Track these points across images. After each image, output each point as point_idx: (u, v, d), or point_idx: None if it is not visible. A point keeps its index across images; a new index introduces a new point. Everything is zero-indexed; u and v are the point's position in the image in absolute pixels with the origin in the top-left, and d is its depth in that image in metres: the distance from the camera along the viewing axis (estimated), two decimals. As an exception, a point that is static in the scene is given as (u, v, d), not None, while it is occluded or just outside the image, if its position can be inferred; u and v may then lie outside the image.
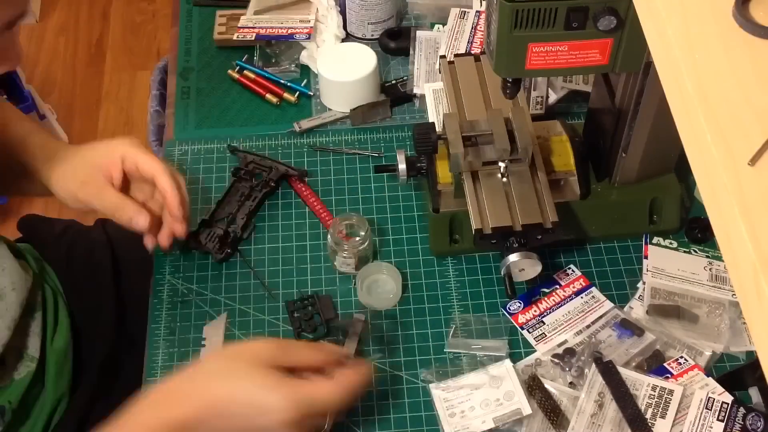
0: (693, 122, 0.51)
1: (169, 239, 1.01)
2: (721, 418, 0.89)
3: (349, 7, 1.29)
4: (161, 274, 1.06)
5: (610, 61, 0.86)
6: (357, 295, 1.02)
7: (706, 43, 0.53)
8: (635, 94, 0.93)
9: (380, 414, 0.94)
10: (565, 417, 0.91)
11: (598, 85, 1.03)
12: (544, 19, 0.81)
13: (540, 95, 1.16)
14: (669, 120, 0.55)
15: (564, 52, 0.85)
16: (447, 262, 1.06)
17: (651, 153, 1.00)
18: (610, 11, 0.81)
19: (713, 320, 0.98)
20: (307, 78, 1.27)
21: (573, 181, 1.03)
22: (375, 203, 1.12)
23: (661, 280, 1.01)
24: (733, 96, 0.50)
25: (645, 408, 0.89)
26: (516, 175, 0.99)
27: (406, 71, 1.26)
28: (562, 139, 1.04)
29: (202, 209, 1.11)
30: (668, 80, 0.55)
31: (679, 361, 0.94)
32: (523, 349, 0.98)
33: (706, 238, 1.05)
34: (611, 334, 0.97)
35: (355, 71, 1.18)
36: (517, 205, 0.97)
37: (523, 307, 1.01)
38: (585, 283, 1.03)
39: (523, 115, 0.99)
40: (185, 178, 1.02)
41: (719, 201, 0.48)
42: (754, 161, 0.47)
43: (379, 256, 1.06)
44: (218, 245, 1.06)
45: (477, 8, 1.28)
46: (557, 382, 0.94)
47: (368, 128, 1.21)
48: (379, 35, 1.29)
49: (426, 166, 1.02)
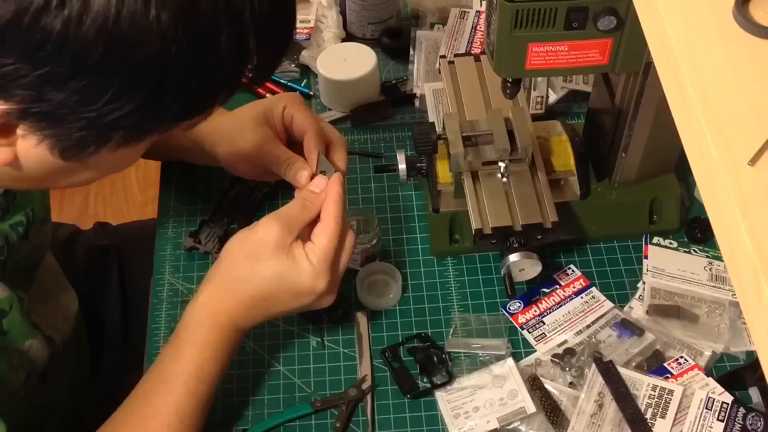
0: (693, 122, 0.51)
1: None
2: (721, 418, 0.89)
3: (349, 7, 1.29)
4: (161, 274, 1.06)
5: (610, 61, 0.86)
6: (357, 295, 1.02)
7: (706, 43, 0.53)
8: (635, 94, 0.93)
9: (380, 414, 0.94)
10: (565, 417, 0.91)
11: (598, 85, 1.03)
12: (544, 19, 0.81)
13: (540, 95, 1.16)
14: (669, 120, 0.55)
15: (564, 52, 0.85)
16: (447, 262, 1.06)
17: (651, 153, 1.00)
18: (610, 11, 0.81)
19: (713, 320, 0.98)
20: (307, 78, 1.27)
21: (573, 181, 1.03)
22: (375, 203, 1.12)
23: (661, 280, 1.01)
24: (733, 96, 0.50)
25: (645, 408, 0.89)
26: (516, 175, 0.99)
27: (406, 71, 1.26)
28: (562, 139, 1.04)
29: (202, 209, 1.11)
30: (668, 80, 0.55)
31: (679, 361, 0.94)
32: (523, 349, 0.98)
33: (706, 238, 1.05)
34: (611, 334, 0.97)
35: (355, 71, 1.18)
36: (517, 205, 0.97)
37: (523, 307, 1.01)
38: (585, 283, 1.03)
39: (523, 115, 0.99)
40: (346, 144, 0.98)
41: (719, 201, 0.48)
42: (754, 161, 0.47)
43: (379, 255, 1.06)
44: (218, 245, 1.06)
45: (477, 8, 1.28)
46: (557, 382, 0.94)
47: (368, 128, 1.21)
48: (379, 35, 1.29)
49: (426, 166, 1.02)
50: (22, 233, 0.88)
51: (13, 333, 0.86)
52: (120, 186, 2.31)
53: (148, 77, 0.61)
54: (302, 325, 1.01)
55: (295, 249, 0.85)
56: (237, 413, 0.95)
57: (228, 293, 0.86)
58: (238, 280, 0.86)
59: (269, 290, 0.85)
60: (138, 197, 2.29)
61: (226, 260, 0.87)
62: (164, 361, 0.86)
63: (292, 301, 0.87)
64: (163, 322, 1.02)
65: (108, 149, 0.66)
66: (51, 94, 0.59)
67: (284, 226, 0.85)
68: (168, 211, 1.13)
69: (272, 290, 0.85)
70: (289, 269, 0.84)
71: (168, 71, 0.61)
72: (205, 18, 0.60)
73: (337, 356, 0.98)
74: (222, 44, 0.62)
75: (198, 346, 0.85)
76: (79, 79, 0.59)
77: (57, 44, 0.56)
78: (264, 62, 0.67)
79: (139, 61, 0.59)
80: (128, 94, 0.61)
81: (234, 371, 0.96)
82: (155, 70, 0.60)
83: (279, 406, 0.95)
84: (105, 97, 0.60)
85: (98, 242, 1.23)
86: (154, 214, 1.15)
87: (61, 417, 1.04)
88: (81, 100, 0.60)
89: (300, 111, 0.97)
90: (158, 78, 0.61)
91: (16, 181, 0.71)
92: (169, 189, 1.15)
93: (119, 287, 1.19)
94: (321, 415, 0.94)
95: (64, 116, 0.61)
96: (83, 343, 1.09)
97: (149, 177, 2.27)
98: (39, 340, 0.91)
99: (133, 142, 0.67)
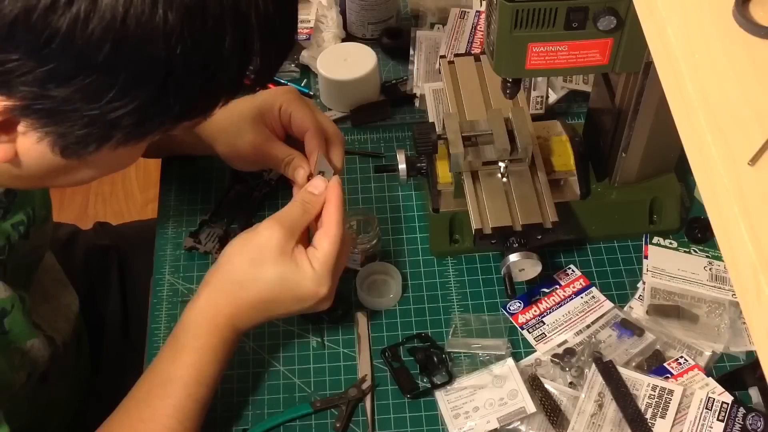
0: (693, 122, 0.51)
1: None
2: (721, 418, 0.89)
3: (349, 7, 1.29)
4: (161, 274, 1.06)
5: (610, 61, 0.86)
6: (357, 295, 1.02)
7: (706, 43, 0.53)
8: (635, 94, 0.93)
9: (380, 414, 0.94)
10: (565, 417, 0.91)
11: (598, 85, 1.03)
12: (544, 19, 0.81)
13: (540, 95, 1.16)
14: (669, 120, 0.55)
15: (564, 52, 0.85)
16: (447, 262, 1.06)
17: (651, 153, 1.00)
18: (610, 11, 0.81)
19: (713, 320, 0.98)
20: (307, 78, 1.27)
21: (573, 181, 1.03)
22: (375, 203, 1.12)
23: (661, 280, 1.01)
24: (733, 96, 0.50)
25: (645, 408, 0.89)
26: (516, 175, 0.99)
27: (406, 71, 1.26)
28: (562, 139, 1.04)
29: (202, 209, 1.11)
30: (668, 80, 0.55)
31: (679, 361, 0.94)
32: (523, 349, 0.98)
33: (706, 238, 1.05)
34: (611, 334, 0.97)
35: (355, 71, 1.18)
36: (517, 205, 0.97)
37: (523, 307, 1.01)
38: (585, 283, 1.03)
39: (523, 115, 0.99)
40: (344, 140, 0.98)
41: (719, 201, 0.48)
42: (754, 161, 0.47)
43: (379, 255, 1.06)
44: (218, 245, 1.06)
45: (477, 8, 1.28)
46: (557, 382, 0.94)
47: (368, 128, 1.21)
48: (379, 35, 1.29)
49: (426, 166, 1.02)
50: (23, 232, 0.88)
51: (15, 332, 0.86)
52: (120, 186, 2.31)
53: (152, 76, 0.61)
54: (302, 325, 1.01)
55: (297, 254, 0.85)
56: (237, 413, 0.95)
57: (229, 297, 0.86)
58: (240, 283, 0.86)
59: (271, 294, 0.86)
60: (138, 197, 2.29)
61: (227, 264, 0.87)
62: (163, 363, 0.86)
63: (294, 305, 0.87)
64: (163, 321, 1.02)
65: (109, 148, 0.66)
66: (55, 90, 0.59)
67: (287, 231, 0.85)
68: (168, 211, 1.13)
69: (274, 294, 0.86)
70: (292, 274, 0.84)
71: (172, 71, 0.61)
72: (211, 19, 0.60)
73: (337, 356, 0.98)
74: (227, 46, 0.62)
75: (198, 350, 0.85)
76: (83, 77, 0.59)
77: (63, 42, 0.57)
78: (267, 64, 0.68)
79: (144, 60, 0.59)
80: (132, 92, 0.61)
81: (234, 371, 0.96)
82: (160, 69, 0.60)
83: (279, 406, 0.95)
84: (109, 95, 0.60)
85: (98, 242, 1.23)
86: (154, 214, 1.15)
87: (62, 416, 1.04)
88: (84, 98, 0.60)
89: (297, 108, 0.97)
90: (162, 77, 0.61)
91: (15, 179, 0.71)
92: (169, 189, 1.15)
93: (119, 287, 1.19)
94: (321, 415, 0.94)
95: (66, 113, 0.62)
96: (83, 342, 1.09)
97: (149, 177, 2.27)
98: (40, 340, 0.91)
99: (134, 140, 0.67)
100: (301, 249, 0.85)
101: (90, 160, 0.68)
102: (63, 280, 1.05)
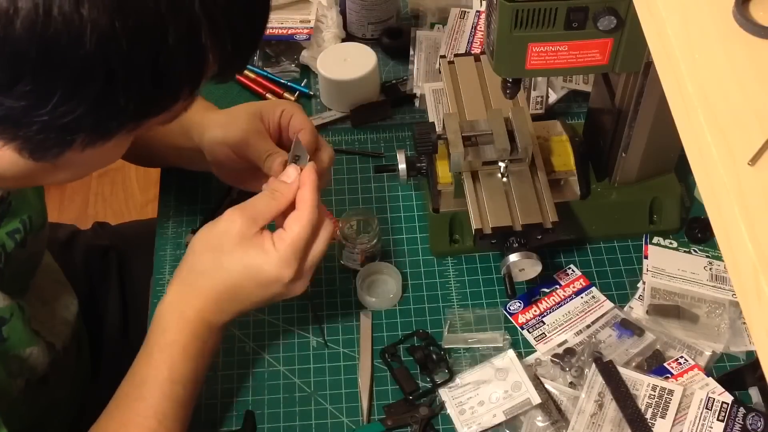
0: (693, 122, 0.51)
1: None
2: (721, 418, 0.89)
3: (349, 7, 1.29)
4: (161, 274, 1.06)
5: (610, 61, 0.86)
6: (357, 295, 1.02)
7: (706, 43, 0.53)
8: (635, 94, 0.93)
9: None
10: (565, 417, 0.91)
11: (598, 85, 1.03)
12: (544, 19, 0.81)
13: (540, 95, 1.16)
14: (669, 120, 0.55)
15: (564, 52, 0.85)
16: (447, 261, 1.06)
17: (651, 153, 1.00)
18: (610, 11, 0.81)
19: (713, 320, 0.98)
20: (307, 78, 1.27)
21: (573, 181, 1.03)
22: (375, 203, 1.12)
23: (661, 280, 1.01)
24: (733, 96, 0.50)
25: (645, 408, 0.89)
26: (516, 175, 0.99)
27: (406, 71, 1.26)
28: (562, 139, 1.04)
29: (202, 209, 1.11)
30: (668, 80, 0.55)
31: (679, 361, 0.94)
32: (523, 349, 0.98)
33: (706, 238, 1.05)
34: (611, 334, 0.97)
35: (355, 71, 1.18)
36: (517, 205, 0.97)
37: (523, 307, 1.01)
38: (585, 283, 1.03)
39: (523, 115, 0.99)
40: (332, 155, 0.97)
41: (719, 201, 0.48)
42: (754, 161, 0.47)
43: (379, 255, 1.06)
44: (218, 245, 1.06)
45: (477, 8, 1.28)
46: (557, 382, 0.94)
47: (368, 128, 1.21)
48: (379, 35, 1.29)
49: (426, 166, 1.02)
50: (20, 240, 0.88)
51: (14, 340, 0.85)
52: (120, 186, 2.31)
53: (91, 78, 0.59)
54: (302, 325, 1.01)
55: (258, 238, 0.83)
56: (237, 413, 0.94)
57: (194, 289, 0.85)
58: (203, 273, 0.85)
59: (234, 282, 0.84)
60: (138, 197, 2.29)
61: (191, 255, 0.86)
62: (139, 364, 0.85)
63: (261, 292, 0.85)
64: (163, 322, 1.02)
65: (74, 150, 0.65)
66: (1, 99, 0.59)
67: (247, 218, 0.83)
68: (168, 211, 1.13)
69: (237, 281, 0.84)
70: (252, 259, 0.83)
71: (113, 71, 0.59)
72: (146, 14, 0.59)
73: (337, 356, 0.98)
74: (170, 40, 0.60)
75: (168, 348, 0.84)
76: (23, 84, 0.58)
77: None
78: (227, 56, 0.66)
79: (78, 61, 0.58)
80: (76, 96, 0.60)
81: (234, 371, 0.96)
82: (98, 70, 0.59)
83: (279, 406, 0.95)
84: (53, 101, 0.59)
85: (98, 242, 1.23)
86: (154, 214, 1.15)
87: (63, 417, 1.04)
88: (30, 105, 0.60)
89: (299, 114, 0.97)
90: (103, 78, 0.60)
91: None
92: (169, 189, 1.15)
93: (119, 287, 1.19)
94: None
95: (19, 120, 0.61)
96: (83, 344, 1.09)
97: (149, 177, 2.27)
98: (40, 347, 0.90)
99: (99, 142, 0.65)
100: (266, 233, 0.83)
101: (62, 163, 0.67)
102: (62, 280, 1.05)
